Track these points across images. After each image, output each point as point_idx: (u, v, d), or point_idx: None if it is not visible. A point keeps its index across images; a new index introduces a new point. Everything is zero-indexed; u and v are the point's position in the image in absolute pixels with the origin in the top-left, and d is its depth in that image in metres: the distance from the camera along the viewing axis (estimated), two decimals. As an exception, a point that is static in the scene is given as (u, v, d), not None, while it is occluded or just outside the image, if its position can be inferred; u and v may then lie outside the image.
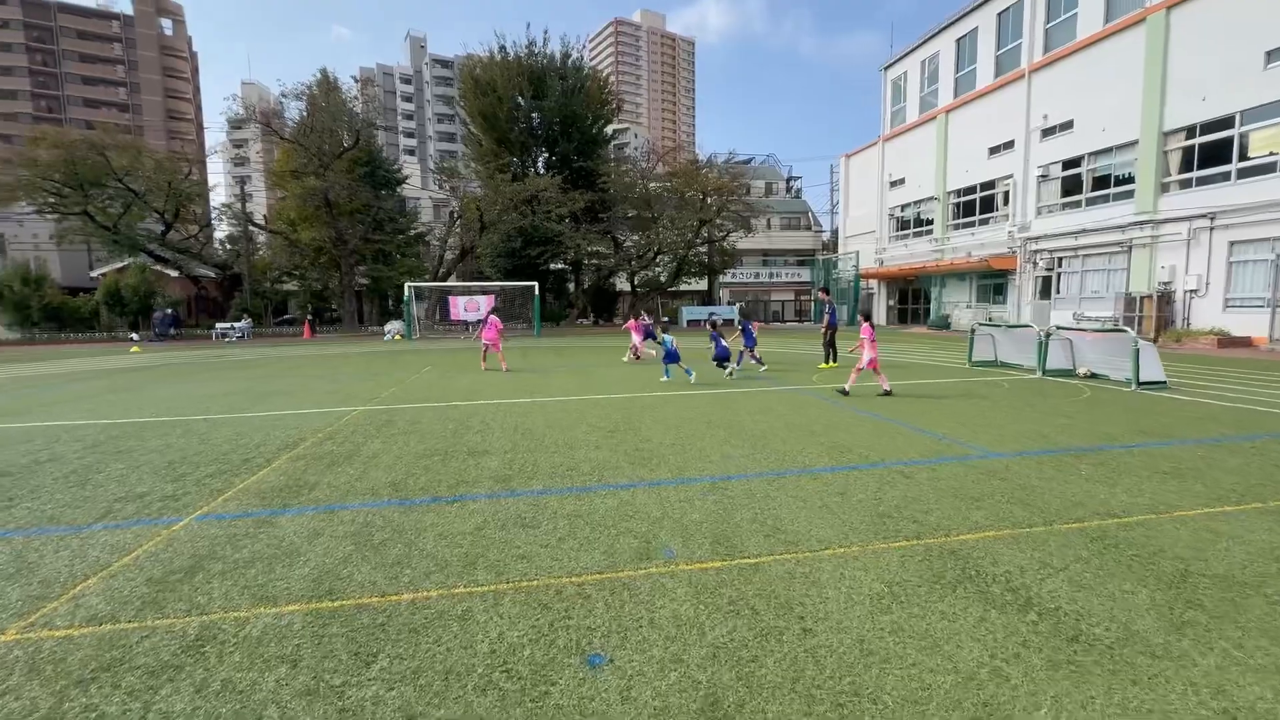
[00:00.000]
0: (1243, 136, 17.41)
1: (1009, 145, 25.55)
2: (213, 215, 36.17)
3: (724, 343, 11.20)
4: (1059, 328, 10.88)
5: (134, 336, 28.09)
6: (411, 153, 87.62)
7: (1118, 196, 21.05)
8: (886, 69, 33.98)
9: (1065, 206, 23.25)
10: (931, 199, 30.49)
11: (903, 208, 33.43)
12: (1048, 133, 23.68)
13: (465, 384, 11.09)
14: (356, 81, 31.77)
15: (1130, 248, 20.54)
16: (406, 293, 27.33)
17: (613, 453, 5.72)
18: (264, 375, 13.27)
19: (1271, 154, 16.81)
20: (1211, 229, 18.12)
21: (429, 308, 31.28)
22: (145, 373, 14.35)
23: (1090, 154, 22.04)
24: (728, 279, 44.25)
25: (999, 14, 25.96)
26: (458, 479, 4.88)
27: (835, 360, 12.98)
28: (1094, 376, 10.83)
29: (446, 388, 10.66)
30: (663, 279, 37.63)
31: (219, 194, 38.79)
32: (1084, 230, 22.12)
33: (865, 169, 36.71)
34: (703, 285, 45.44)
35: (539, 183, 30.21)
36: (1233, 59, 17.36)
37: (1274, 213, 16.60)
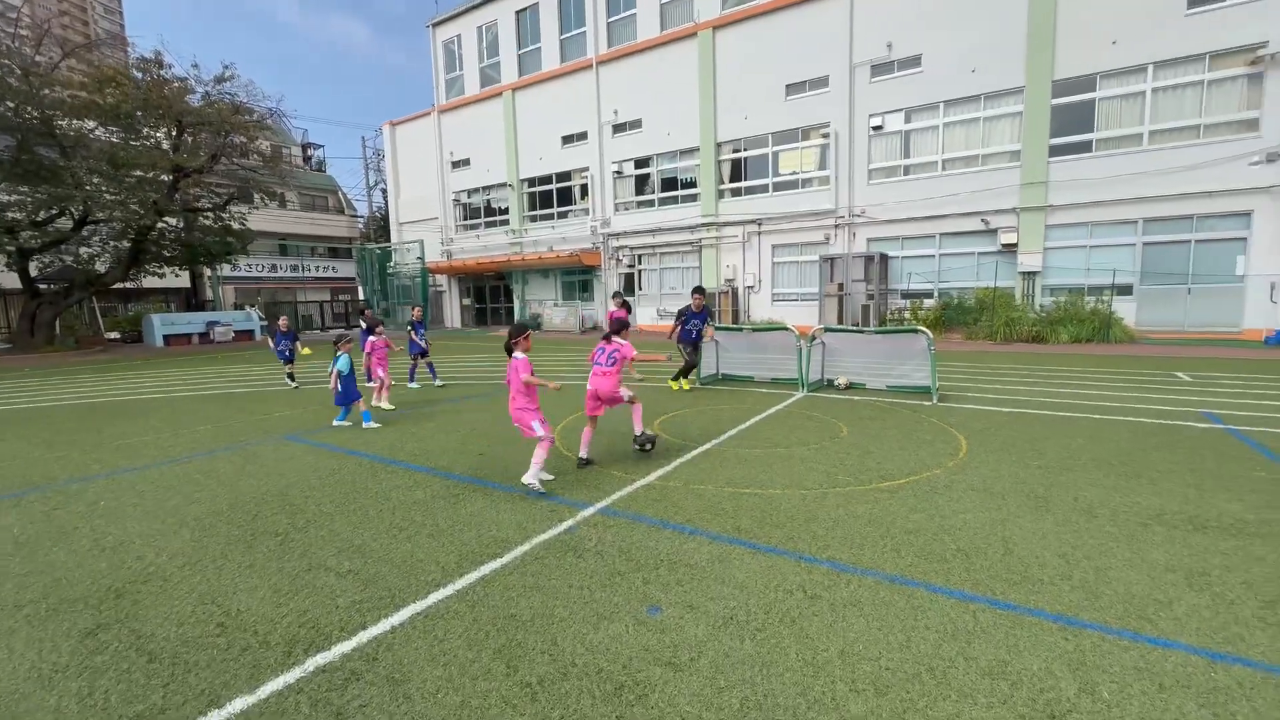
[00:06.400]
0: (775, 155, 20.51)
1: (583, 136, 24.62)
2: None
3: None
4: (826, 329, 8.67)
5: None
6: None
7: (686, 198, 22.46)
8: (435, 26, 28.78)
9: (640, 205, 23.76)
10: (504, 185, 27.39)
11: (470, 193, 29.28)
12: (619, 129, 23.62)
13: None
14: None
15: (700, 247, 22.23)
16: None
17: None
18: None
19: (794, 173, 20.29)
20: (760, 233, 20.92)
21: None
22: None
23: (659, 155, 22.91)
24: (230, 273, 30.59)
25: (559, -4, 24.59)
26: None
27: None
28: (851, 387, 9.03)
29: None
30: (102, 268, 22.09)
31: None
32: (660, 229, 22.96)
33: (419, 143, 30.71)
34: (183, 280, 30.19)
35: None
36: (764, 84, 20.09)
37: (798, 222, 20.08)
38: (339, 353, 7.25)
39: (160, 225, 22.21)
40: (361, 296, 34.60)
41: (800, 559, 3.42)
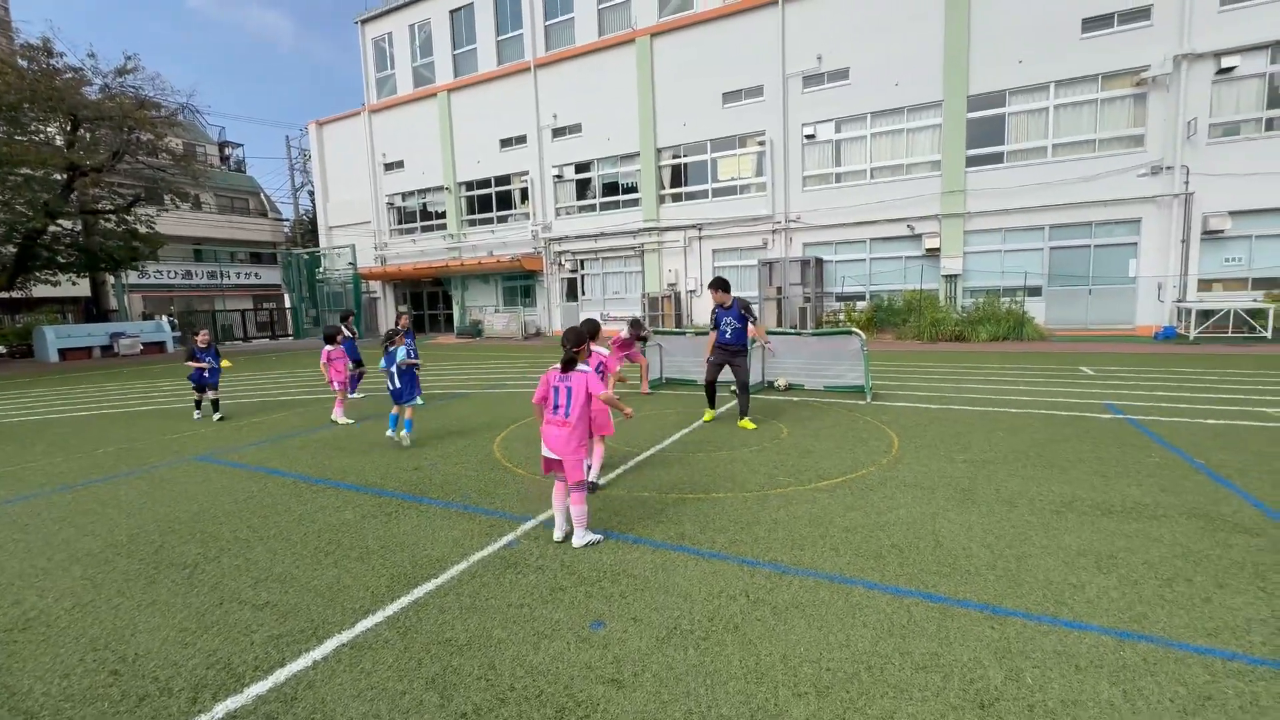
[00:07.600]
0: (714, 161, 20.87)
1: (522, 140, 24.25)
2: None
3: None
4: (768, 332, 8.85)
5: None
6: None
7: (627, 203, 22.50)
8: (365, 22, 27.67)
9: (582, 209, 23.62)
10: (441, 189, 26.61)
11: (404, 196, 28.27)
12: (558, 133, 23.41)
13: None
14: None
15: (642, 252, 22.32)
16: None
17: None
18: None
19: (732, 179, 20.71)
20: (700, 238, 21.22)
21: None
22: None
23: (599, 160, 22.86)
24: (138, 280, 28.22)
25: (494, -3, 24.16)
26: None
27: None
28: (790, 388, 9.26)
29: None
30: (-17, 275, 19.93)
31: None
32: (602, 234, 22.90)
33: (348, 144, 29.38)
34: (83, 289, 27.68)
35: None
36: (702, 92, 20.42)
37: (737, 227, 20.51)
38: (393, 347, 6.75)
39: (53, 229, 20.26)
40: (289, 304, 32.78)
41: (743, 563, 3.43)
